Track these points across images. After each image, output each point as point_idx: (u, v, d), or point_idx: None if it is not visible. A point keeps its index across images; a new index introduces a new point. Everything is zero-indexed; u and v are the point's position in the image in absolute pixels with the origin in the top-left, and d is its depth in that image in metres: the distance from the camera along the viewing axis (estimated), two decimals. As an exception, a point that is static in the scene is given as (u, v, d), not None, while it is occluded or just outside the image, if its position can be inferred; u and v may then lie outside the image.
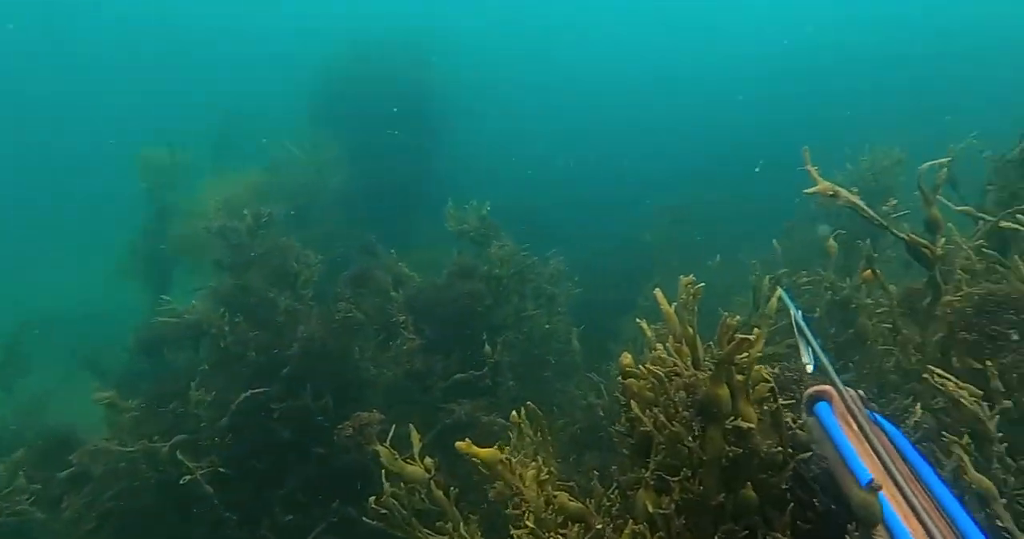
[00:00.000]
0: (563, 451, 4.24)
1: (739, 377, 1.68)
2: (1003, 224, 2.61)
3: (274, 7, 29.69)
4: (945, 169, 2.77)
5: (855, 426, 1.45)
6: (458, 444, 1.97)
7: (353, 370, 5.08)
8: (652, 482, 1.78)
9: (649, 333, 2.16)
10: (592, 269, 10.32)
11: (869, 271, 2.76)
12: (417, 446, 2.59)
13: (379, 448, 2.56)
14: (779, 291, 2.00)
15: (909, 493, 1.27)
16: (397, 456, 2.55)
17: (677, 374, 1.79)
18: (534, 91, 23.83)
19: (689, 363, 1.90)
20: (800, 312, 1.92)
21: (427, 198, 12.60)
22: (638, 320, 2.32)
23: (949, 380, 2.15)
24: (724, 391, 1.65)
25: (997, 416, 2.04)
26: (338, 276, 6.11)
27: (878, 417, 1.55)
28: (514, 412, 2.33)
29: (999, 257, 2.80)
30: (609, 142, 19.16)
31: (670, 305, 2.04)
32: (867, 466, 1.35)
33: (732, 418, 1.65)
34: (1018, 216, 2.66)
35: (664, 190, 13.08)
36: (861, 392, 1.59)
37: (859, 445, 1.40)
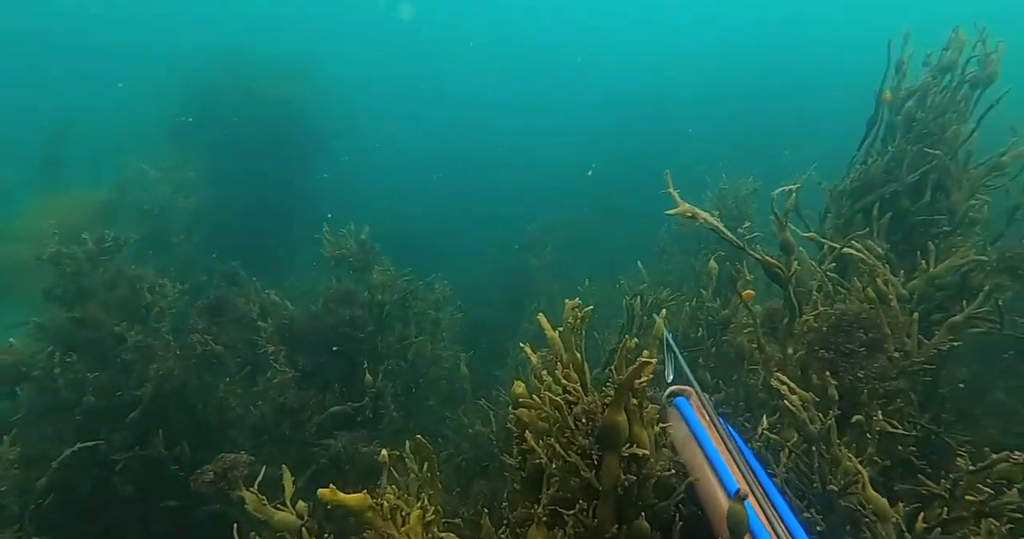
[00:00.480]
0: (449, 482, 4.08)
1: (633, 400, 1.64)
2: (846, 250, 2.84)
3: (134, 18, 27.35)
4: (794, 195, 2.98)
5: (707, 418, 1.71)
6: (321, 492, 1.76)
7: (215, 410, 4.58)
8: (544, 518, 1.69)
9: (534, 359, 2.09)
10: (478, 292, 10.36)
11: (750, 291, 2.89)
12: (289, 490, 2.33)
13: (245, 494, 2.27)
14: (663, 312, 2.03)
15: (754, 490, 1.45)
16: (266, 502, 2.27)
17: (574, 401, 1.72)
18: (416, 109, 23.81)
19: (580, 389, 1.88)
20: (668, 333, 2.10)
21: (303, 221, 12.05)
22: (521, 344, 2.24)
23: (786, 384, 2.29)
24: (623, 417, 1.60)
25: (833, 422, 2.21)
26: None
27: (720, 419, 1.79)
28: (384, 452, 2.14)
29: (840, 280, 3.09)
30: (491, 160, 19.56)
31: (555, 329, 2.01)
32: (713, 440, 1.58)
33: (628, 445, 1.61)
34: (854, 243, 2.91)
35: (547, 210, 13.43)
36: (706, 395, 1.86)
37: (711, 432, 1.65)
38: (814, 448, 2.22)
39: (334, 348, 5.09)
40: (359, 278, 5.41)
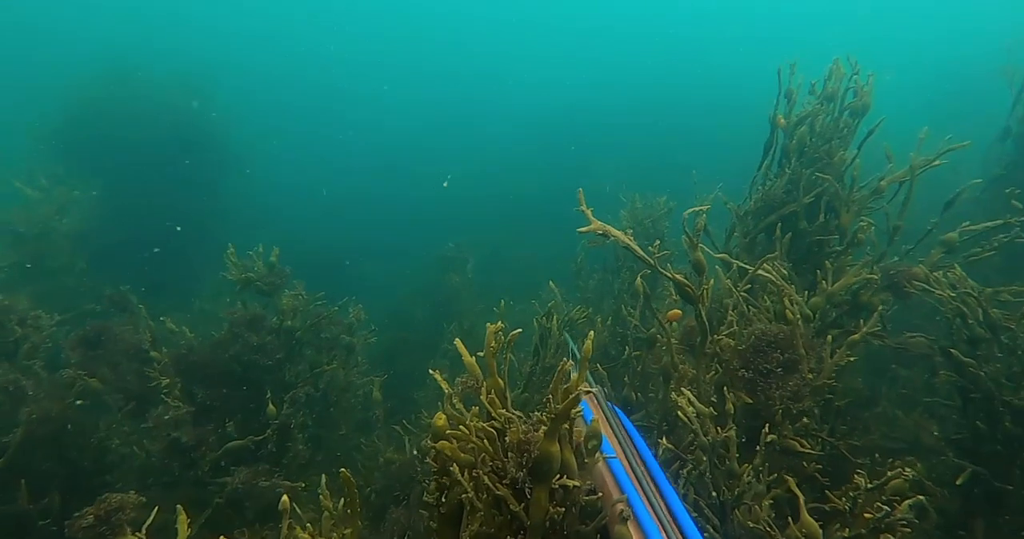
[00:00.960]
0: (363, 515, 3.87)
1: (564, 426, 1.58)
2: (760, 272, 2.94)
3: (10, 23, 25.09)
4: (703, 216, 3.06)
5: (601, 412, 1.94)
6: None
7: (92, 453, 4.11)
8: (466, 557, 1.58)
9: (446, 388, 2.02)
10: (395, 313, 10.14)
11: (676, 311, 2.91)
12: (184, 533, 2.09)
13: None
14: (591, 334, 2.00)
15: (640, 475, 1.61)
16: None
17: (503, 430, 1.63)
18: (328, 125, 23.23)
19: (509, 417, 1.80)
20: (575, 343, 2.32)
21: (205, 241, 11.34)
22: (431, 371, 2.17)
23: (685, 396, 2.33)
24: (556, 447, 1.54)
25: (732, 435, 2.28)
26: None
27: (615, 408, 2.02)
28: (286, 498, 1.97)
29: (752, 301, 3.20)
30: (406, 178, 19.36)
31: (472, 355, 2.01)
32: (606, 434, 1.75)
33: (559, 475, 1.54)
34: (765, 265, 3.01)
35: (464, 230, 13.38)
36: (606, 390, 2.23)
37: (605, 427, 1.83)
38: (708, 458, 2.26)
39: (237, 378, 4.76)
40: (268, 303, 5.08)
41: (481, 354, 2.00)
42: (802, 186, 3.73)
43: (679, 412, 2.43)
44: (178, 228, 10.67)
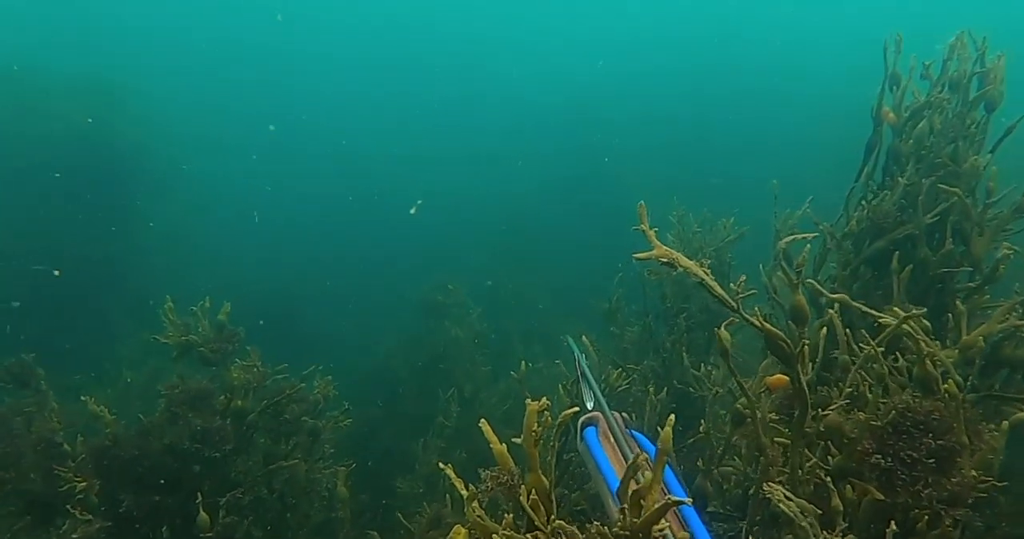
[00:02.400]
0: None
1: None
2: (883, 320, 2.80)
3: None
4: (809, 246, 2.95)
5: (612, 441, 2.05)
6: None
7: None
8: None
9: (460, 486, 1.97)
10: (372, 380, 10.04)
11: (780, 376, 2.81)
12: None
13: None
14: (671, 419, 1.96)
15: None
16: None
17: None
18: (277, 139, 23.36)
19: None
20: (584, 356, 2.49)
21: (123, 292, 11.23)
22: (443, 466, 2.10)
23: (778, 489, 2.26)
24: None
25: None
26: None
27: (636, 433, 2.15)
28: None
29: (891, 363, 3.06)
30: (379, 197, 19.41)
31: (501, 441, 2.05)
32: (618, 473, 1.94)
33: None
34: (895, 309, 2.89)
35: (455, 262, 13.37)
36: (625, 415, 2.19)
37: (613, 454, 2.01)
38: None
39: (172, 476, 4.70)
40: (215, 375, 5.05)
41: (516, 440, 1.98)
42: (921, 201, 3.66)
43: (780, 505, 2.29)
44: (56, 272, 10.50)
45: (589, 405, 2.33)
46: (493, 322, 11.08)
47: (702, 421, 3.59)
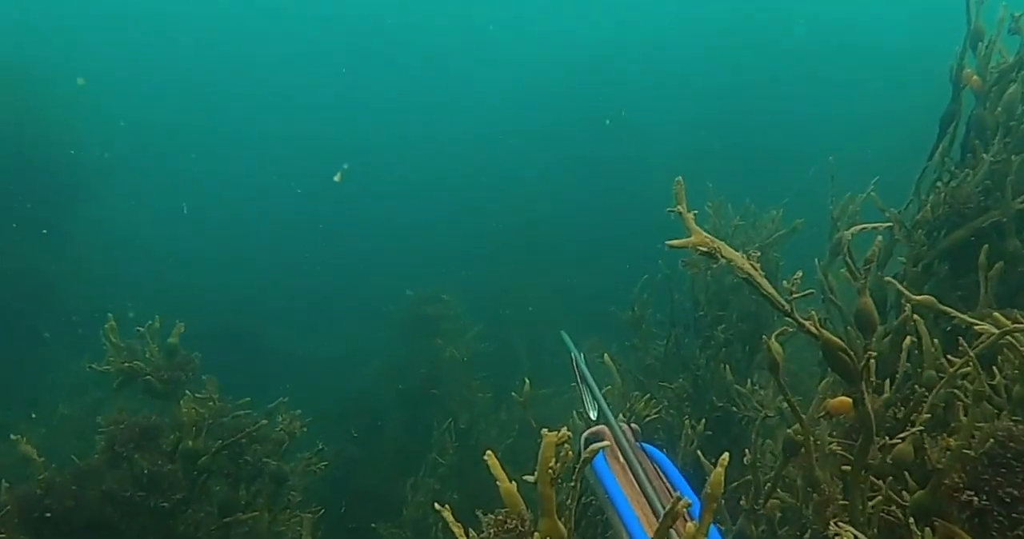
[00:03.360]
0: None
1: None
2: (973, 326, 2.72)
3: None
4: (880, 239, 2.87)
5: (622, 459, 2.05)
6: None
7: None
8: None
9: (459, 532, 2.03)
10: (353, 408, 10.13)
11: (843, 398, 2.75)
12: None
13: None
14: (723, 459, 1.96)
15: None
16: None
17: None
18: (230, 130, 23.39)
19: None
20: (582, 355, 2.47)
21: (50, 307, 11.20)
22: (439, 507, 2.08)
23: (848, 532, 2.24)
24: None
25: None
26: None
27: (648, 447, 2.16)
28: None
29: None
30: (352, 190, 19.37)
31: (511, 479, 2.06)
32: (630, 499, 1.94)
33: None
34: (996, 315, 2.80)
35: (444, 268, 13.35)
36: (635, 426, 2.24)
37: (623, 477, 2.01)
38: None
39: (110, 530, 4.68)
40: (163, 408, 5.05)
41: (530, 478, 1.94)
42: (1010, 182, 3.58)
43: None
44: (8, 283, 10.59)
45: (592, 415, 2.29)
46: (494, 339, 11.07)
47: (746, 451, 3.50)
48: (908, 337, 2.78)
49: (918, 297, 2.98)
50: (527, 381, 4.43)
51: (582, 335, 8.63)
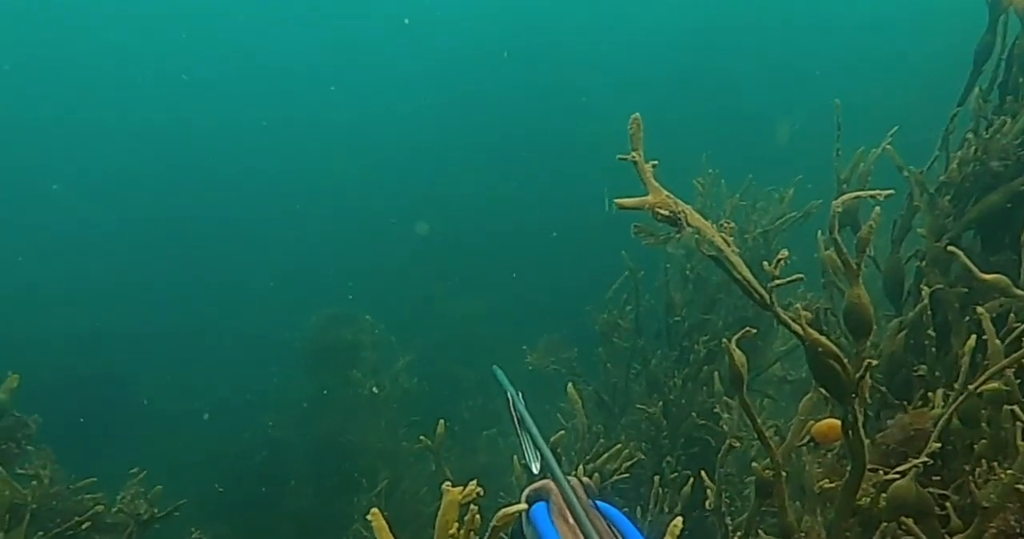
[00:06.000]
0: None
1: None
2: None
3: None
4: (878, 210, 2.80)
5: (571, 520, 2.03)
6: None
7: None
8: None
9: None
10: (243, 468, 9.98)
11: (831, 421, 2.85)
12: None
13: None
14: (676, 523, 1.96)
15: None
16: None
17: None
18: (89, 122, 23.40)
19: None
20: (520, 395, 2.40)
21: None
22: None
23: None
24: None
25: None
26: None
27: (604, 505, 2.12)
28: None
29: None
30: (236, 189, 19.41)
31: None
32: None
33: None
34: None
35: (355, 279, 13.27)
36: (586, 479, 2.16)
37: None
38: None
39: None
40: None
41: None
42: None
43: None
44: None
45: (534, 468, 2.26)
46: (423, 368, 10.99)
47: (708, 490, 3.62)
48: (972, 336, 2.82)
49: (988, 276, 2.92)
50: (441, 423, 4.32)
51: (533, 338, 8.62)
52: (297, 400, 10.85)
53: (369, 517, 1.96)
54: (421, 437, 4.86)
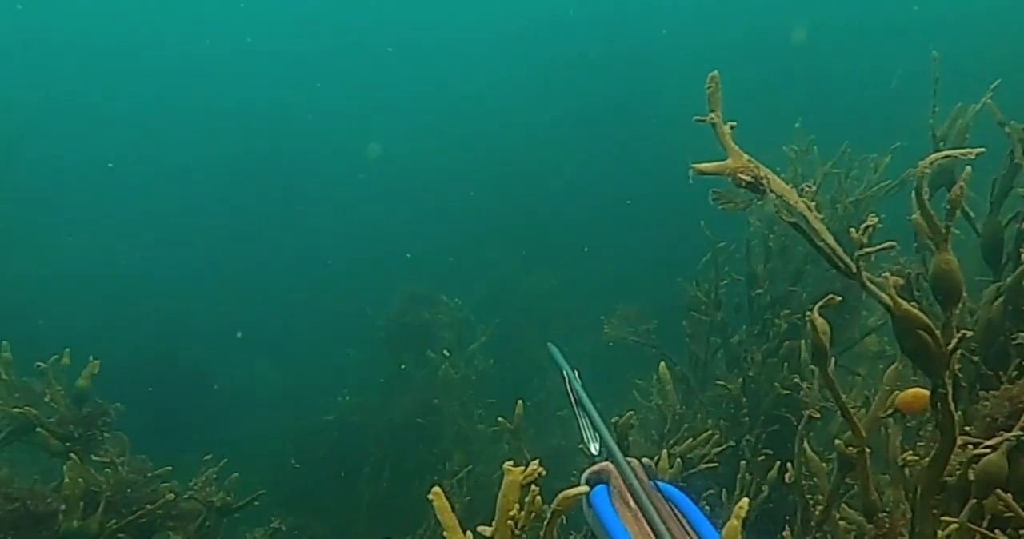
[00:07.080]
0: None
1: None
2: None
3: None
4: (968, 171, 2.72)
5: (633, 504, 2.03)
6: None
7: None
8: None
9: None
10: (316, 452, 10.12)
11: (918, 390, 2.78)
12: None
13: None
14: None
15: None
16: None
17: None
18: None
19: None
20: (576, 374, 2.41)
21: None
22: None
23: None
24: None
25: None
26: None
27: (663, 485, 2.12)
28: None
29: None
30: (303, 192, 19.64)
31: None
32: None
33: None
34: None
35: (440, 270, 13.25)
36: (646, 460, 2.18)
37: (635, 527, 1.97)
38: None
39: None
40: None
41: (486, 529, 1.93)
42: None
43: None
44: None
45: (593, 449, 2.25)
46: (501, 349, 11.03)
47: (788, 465, 3.59)
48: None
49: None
50: (520, 403, 4.29)
51: (609, 312, 8.56)
52: (374, 382, 11.01)
53: (430, 497, 1.91)
54: (499, 418, 4.87)
